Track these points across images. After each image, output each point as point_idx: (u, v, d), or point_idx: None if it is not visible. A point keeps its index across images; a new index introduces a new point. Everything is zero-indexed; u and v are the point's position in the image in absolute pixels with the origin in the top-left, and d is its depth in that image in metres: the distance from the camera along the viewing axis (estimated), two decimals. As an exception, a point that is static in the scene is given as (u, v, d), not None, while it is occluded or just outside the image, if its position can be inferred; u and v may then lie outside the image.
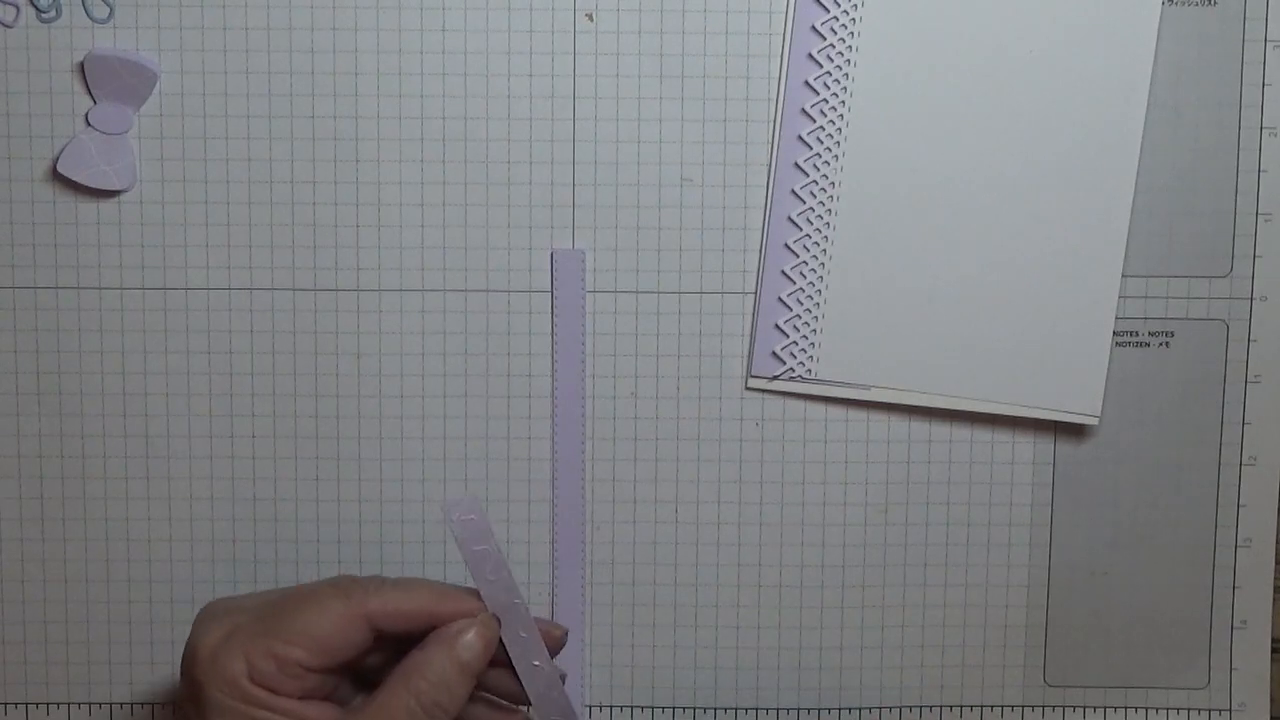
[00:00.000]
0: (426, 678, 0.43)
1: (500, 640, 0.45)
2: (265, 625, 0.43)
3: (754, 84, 0.50)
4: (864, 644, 0.52)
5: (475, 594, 0.45)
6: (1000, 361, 0.50)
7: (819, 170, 0.50)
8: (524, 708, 0.47)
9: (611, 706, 0.53)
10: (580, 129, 0.50)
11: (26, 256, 0.51)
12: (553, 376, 0.51)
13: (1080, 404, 0.50)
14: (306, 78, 0.50)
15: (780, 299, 0.51)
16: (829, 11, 0.50)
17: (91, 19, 0.50)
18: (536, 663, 0.45)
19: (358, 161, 0.50)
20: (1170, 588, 0.52)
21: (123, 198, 0.51)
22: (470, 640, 0.44)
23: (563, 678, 0.46)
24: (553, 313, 0.51)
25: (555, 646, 0.47)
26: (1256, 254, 0.51)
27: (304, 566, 0.52)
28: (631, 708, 0.53)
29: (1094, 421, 0.51)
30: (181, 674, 0.44)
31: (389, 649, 0.45)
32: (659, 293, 0.51)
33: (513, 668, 0.45)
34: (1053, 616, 0.52)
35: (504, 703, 0.47)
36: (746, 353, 0.51)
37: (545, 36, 0.50)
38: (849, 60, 0.50)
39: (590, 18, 0.50)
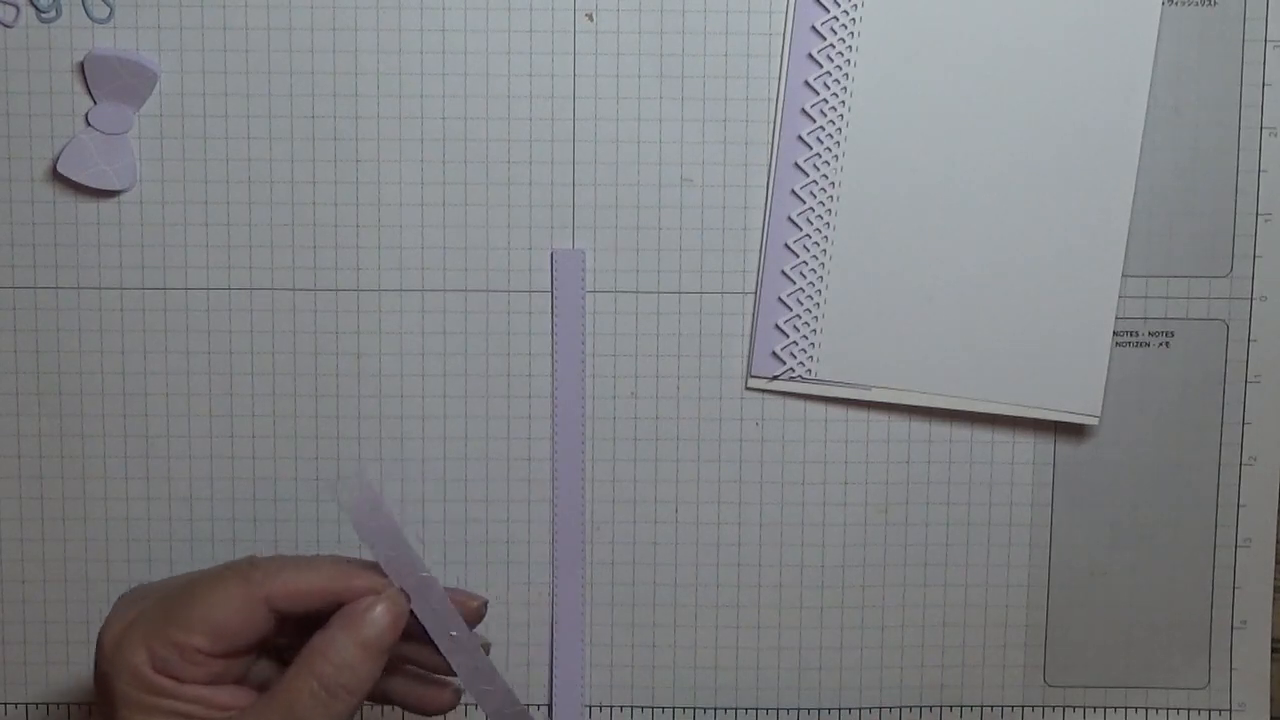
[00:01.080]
0: (330, 660, 0.41)
1: (415, 615, 0.43)
2: (166, 612, 0.42)
3: (754, 84, 0.50)
4: (864, 644, 0.52)
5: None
6: (1000, 361, 0.50)
7: (819, 170, 0.50)
8: (453, 679, 0.46)
9: (611, 706, 0.53)
10: (580, 129, 0.50)
11: (26, 256, 0.51)
12: (553, 376, 0.51)
13: (1080, 404, 0.50)
14: (306, 78, 0.50)
15: (780, 299, 0.51)
16: (829, 11, 0.50)
17: (91, 19, 0.50)
18: (454, 633, 0.44)
19: (358, 161, 0.50)
20: (1170, 588, 0.52)
21: (123, 198, 0.50)
22: (374, 618, 0.42)
23: (485, 648, 0.45)
24: (553, 313, 0.51)
25: (474, 618, 0.45)
26: (1256, 254, 0.51)
27: (304, 566, 0.52)
28: (631, 708, 0.53)
29: (1094, 421, 0.51)
30: (94, 666, 0.43)
31: (301, 628, 0.43)
32: (659, 293, 0.51)
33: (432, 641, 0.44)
34: (1053, 616, 0.52)
35: (430, 675, 0.46)
36: (746, 353, 0.51)
37: (545, 36, 0.50)
38: (849, 60, 0.50)
39: (590, 18, 0.50)
